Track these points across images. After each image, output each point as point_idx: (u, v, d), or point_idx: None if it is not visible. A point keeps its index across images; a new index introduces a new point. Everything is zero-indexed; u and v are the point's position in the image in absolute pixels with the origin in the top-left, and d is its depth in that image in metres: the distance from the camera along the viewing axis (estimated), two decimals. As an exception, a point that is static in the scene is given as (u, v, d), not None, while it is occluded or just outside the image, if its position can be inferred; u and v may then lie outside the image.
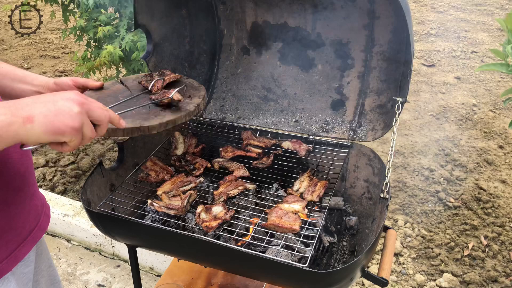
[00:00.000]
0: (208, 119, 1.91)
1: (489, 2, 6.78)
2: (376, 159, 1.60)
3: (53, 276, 1.34)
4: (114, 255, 2.75)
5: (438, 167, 3.32)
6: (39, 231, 1.17)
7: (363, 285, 2.42)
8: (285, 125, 1.84)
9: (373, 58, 1.67)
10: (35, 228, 1.15)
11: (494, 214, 2.87)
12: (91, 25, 2.65)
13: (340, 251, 1.55)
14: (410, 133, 3.76)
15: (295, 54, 1.81)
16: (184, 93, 1.37)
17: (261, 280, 1.45)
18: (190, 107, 1.30)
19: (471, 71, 4.75)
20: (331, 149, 1.71)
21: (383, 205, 1.38)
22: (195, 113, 1.32)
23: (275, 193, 1.58)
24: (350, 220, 1.63)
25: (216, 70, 1.96)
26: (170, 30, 1.76)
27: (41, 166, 3.37)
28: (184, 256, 1.49)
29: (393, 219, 2.87)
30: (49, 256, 1.33)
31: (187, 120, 1.30)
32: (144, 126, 1.19)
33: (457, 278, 2.45)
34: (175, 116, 1.25)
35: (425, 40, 5.57)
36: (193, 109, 1.30)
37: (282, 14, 1.75)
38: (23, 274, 1.15)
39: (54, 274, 1.35)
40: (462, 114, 4.00)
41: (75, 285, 2.57)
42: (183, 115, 1.27)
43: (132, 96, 1.35)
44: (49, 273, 1.32)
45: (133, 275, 1.63)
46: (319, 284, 1.19)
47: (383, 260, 1.32)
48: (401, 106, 1.45)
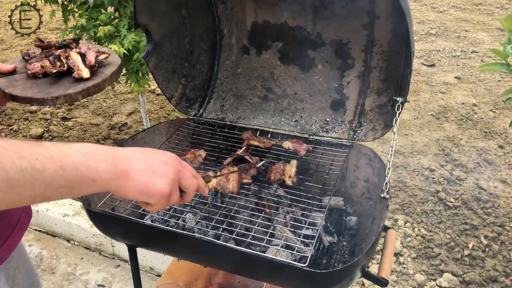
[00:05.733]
0: (208, 119, 1.91)
1: (489, 2, 6.78)
2: (376, 159, 1.60)
3: (30, 270, 1.36)
4: (114, 255, 2.75)
5: (438, 167, 3.32)
6: (26, 219, 1.19)
7: (363, 285, 2.42)
8: (285, 125, 1.84)
9: (373, 58, 1.67)
10: (22, 215, 1.17)
11: (494, 214, 2.87)
12: (91, 25, 2.65)
13: (340, 251, 1.55)
14: (410, 133, 3.76)
15: (295, 54, 1.81)
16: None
17: (261, 280, 1.45)
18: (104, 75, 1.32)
19: (471, 71, 4.75)
20: (331, 149, 1.71)
21: (383, 205, 1.38)
22: (112, 80, 1.33)
23: (275, 193, 1.58)
24: (350, 220, 1.63)
25: (216, 70, 1.96)
26: (170, 30, 1.76)
27: (41, 166, 3.37)
28: (184, 256, 1.49)
29: (393, 219, 2.87)
30: (25, 251, 1.35)
31: (107, 85, 1.31)
32: (68, 93, 1.22)
33: (457, 278, 2.45)
34: (94, 82, 1.27)
35: (425, 40, 5.57)
36: (109, 74, 1.32)
37: (282, 14, 1.75)
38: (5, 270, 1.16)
39: (31, 268, 1.37)
40: (462, 114, 4.00)
41: (75, 285, 2.57)
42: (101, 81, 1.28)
43: None
44: (26, 268, 1.34)
45: (133, 275, 1.63)
46: (319, 284, 1.19)
47: (383, 260, 1.32)
48: (401, 106, 1.45)
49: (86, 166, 0.76)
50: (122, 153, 0.84)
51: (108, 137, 3.72)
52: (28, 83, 1.26)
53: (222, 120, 1.90)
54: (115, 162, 0.81)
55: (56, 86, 1.26)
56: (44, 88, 1.24)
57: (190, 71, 1.90)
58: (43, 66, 1.30)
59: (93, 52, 1.38)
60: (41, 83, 1.27)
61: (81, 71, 1.28)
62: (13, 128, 3.85)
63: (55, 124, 3.91)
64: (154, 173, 0.85)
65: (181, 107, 1.90)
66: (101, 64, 1.36)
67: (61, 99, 1.22)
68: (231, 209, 1.47)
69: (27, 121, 3.96)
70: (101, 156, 0.79)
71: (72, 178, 0.75)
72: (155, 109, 4.12)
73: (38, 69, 1.28)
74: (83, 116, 4.03)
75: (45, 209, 2.89)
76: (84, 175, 0.76)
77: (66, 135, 3.74)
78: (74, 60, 1.32)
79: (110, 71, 1.33)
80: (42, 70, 1.29)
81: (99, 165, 0.78)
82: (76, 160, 0.75)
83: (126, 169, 0.82)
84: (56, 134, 3.77)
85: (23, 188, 0.69)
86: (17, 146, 0.70)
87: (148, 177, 0.84)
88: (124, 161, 0.82)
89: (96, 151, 0.79)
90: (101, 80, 1.29)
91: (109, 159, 0.80)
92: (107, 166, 0.79)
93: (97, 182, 0.78)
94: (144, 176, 0.84)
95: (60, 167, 0.73)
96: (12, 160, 0.68)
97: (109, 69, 1.34)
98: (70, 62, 1.31)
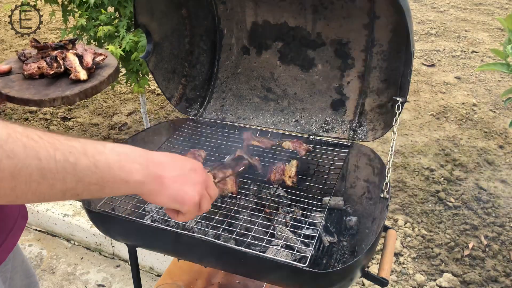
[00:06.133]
0: (208, 119, 1.91)
1: (489, 2, 6.78)
2: (376, 159, 1.60)
3: (27, 270, 1.36)
4: (114, 255, 2.75)
5: (438, 167, 3.32)
6: (22, 220, 1.18)
7: (363, 285, 2.42)
8: (285, 125, 1.84)
9: (373, 58, 1.67)
10: (18, 217, 1.16)
11: (494, 214, 2.87)
12: (91, 25, 2.65)
13: (340, 251, 1.55)
14: (410, 133, 3.76)
15: (295, 54, 1.81)
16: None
17: (261, 280, 1.45)
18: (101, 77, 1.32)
19: (471, 71, 4.75)
20: (331, 149, 1.71)
21: (383, 205, 1.38)
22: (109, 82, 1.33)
23: (275, 193, 1.58)
24: (350, 220, 1.63)
25: (216, 70, 1.96)
26: (170, 30, 1.76)
27: (41, 166, 3.37)
28: (184, 256, 1.49)
29: (393, 219, 2.87)
30: (21, 252, 1.34)
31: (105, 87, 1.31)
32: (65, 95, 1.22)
33: (457, 278, 2.45)
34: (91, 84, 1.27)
35: (425, 40, 5.57)
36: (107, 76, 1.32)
37: (282, 14, 1.75)
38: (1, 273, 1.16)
39: (28, 268, 1.37)
40: (462, 114, 4.00)
41: (75, 285, 2.57)
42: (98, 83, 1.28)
43: None
44: (23, 268, 1.34)
45: (133, 275, 1.63)
46: (319, 284, 1.19)
47: (383, 260, 1.32)
48: (401, 106, 1.45)
49: (119, 166, 0.75)
50: (156, 157, 0.83)
51: (108, 137, 3.72)
52: (25, 84, 1.26)
53: (222, 120, 1.90)
54: (149, 166, 0.80)
55: (53, 87, 1.26)
56: (41, 90, 1.24)
57: (190, 71, 1.90)
58: (40, 67, 1.29)
59: (90, 53, 1.38)
60: (38, 84, 1.27)
61: (79, 73, 1.28)
62: (13, 128, 3.85)
63: (55, 124, 3.91)
64: (186, 181, 0.85)
65: (181, 107, 1.90)
66: (98, 65, 1.36)
67: (58, 101, 1.22)
68: (231, 209, 1.47)
69: (27, 121, 3.96)
70: (136, 158, 0.78)
71: (105, 177, 0.73)
72: (155, 109, 4.12)
73: (35, 70, 1.28)
74: (83, 116, 4.03)
75: (45, 209, 2.89)
76: (117, 175, 0.75)
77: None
78: (71, 62, 1.32)
79: (107, 73, 1.33)
80: (38, 71, 1.28)
81: (133, 166, 0.77)
82: (110, 158, 0.74)
83: (160, 174, 0.81)
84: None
85: (55, 180, 0.68)
86: (52, 137, 0.69)
87: (180, 184, 0.84)
88: (158, 166, 0.82)
89: (130, 152, 0.78)
90: (98, 82, 1.29)
91: (143, 162, 0.79)
92: (141, 168, 0.78)
93: (129, 183, 0.77)
94: (177, 183, 0.84)
95: (93, 163, 0.72)
96: (46, 149, 0.66)
97: (106, 71, 1.34)
98: (67, 64, 1.31)
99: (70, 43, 1.46)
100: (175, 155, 0.90)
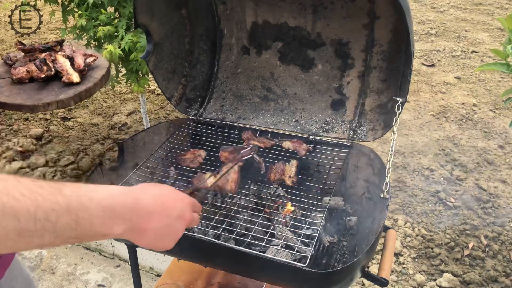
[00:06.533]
0: (208, 119, 1.91)
1: (489, 2, 6.78)
2: (376, 159, 1.60)
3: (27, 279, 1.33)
4: (114, 255, 2.75)
5: (438, 167, 3.32)
6: None
7: (363, 285, 2.42)
8: (285, 125, 1.84)
9: (373, 58, 1.67)
10: None
11: (494, 214, 2.87)
12: (91, 25, 2.65)
13: (340, 251, 1.55)
14: (410, 133, 3.76)
15: (295, 54, 1.81)
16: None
17: (261, 280, 1.45)
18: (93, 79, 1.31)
19: (471, 71, 4.75)
20: (331, 149, 1.71)
21: (383, 205, 1.38)
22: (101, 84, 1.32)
23: (275, 193, 1.58)
24: (350, 220, 1.63)
25: (216, 69, 1.96)
26: (170, 30, 1.76)
27: (41, 166, 3.37)
28: (184, 256, 1.49)
29: (393, 219, 2.87)
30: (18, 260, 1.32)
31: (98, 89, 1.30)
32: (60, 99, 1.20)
33: (457, 278, 2.45)
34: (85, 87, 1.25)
35: (425, 40, 5.57)
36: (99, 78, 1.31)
37: (282, 14, 1.75)
38: None
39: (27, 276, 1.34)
40: (462, 114, 4.00)
41: (75, 285, 2.57)
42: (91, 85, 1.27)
43: None
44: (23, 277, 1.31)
45: (133, 275, 1.63)
46: (319, 284, 1.19)
47: (383, 260, 1.32)
48: (401, 106, 1.45)
49: (102, 223, 0.74)
50: (144, 207, 0.82)
51: (108, 137, 3.72)
52: (15, 89, 1.23)
53: (222, 120, 1.90)
54: (133, 220, 0.80)
55: (45, 91, 1.23)
56: (33, 94, 1.21)
57: (190, 71, 1.90)
58: (29, 70, 1.26)
59: (80, 55, 1.36)
60: (29, 88, 1.24)
61: (71, 75, 1.26)
62: (13, 128, 3.85)
63: (55, 124, 3.91)
64: (167, 233, 0.87)
65: (181, 107, 1.90)
66: (89, 67, 1.34)
67: (53, 105, 1.20)
68: (231, 209, 1.47)
69: (27, 121, 3.96)
70: (121, 214, 0.78)
71: (84, 233, 0.73)
72: (155, 109, 4.12)
73: (24, 74, 1.25)
74: (83, 116, 4.03)
75: (45, 209, 2.88)
76: (97, 231, 0.75)
77: (66, 135, 3.74)
78: (62, 64, 1.30)
79: (100, 74, 1.32)
80: (28, 75, 1.25)
81: (115, 222, 0.77)
82: (93, 215, 0.73)
83: (144, 227, 0.82)
84: (56, 134, 3.77)
85: (33, 237, 0.67)
86: (35, 192, 0.67)
87: (161, 236, 0.86)
88: (143, 218, 0.82)
89: (117, 207, 0.77)
90: (92, 85, 1.27)
91: (128, 218, 0.79)
92: (123, 223, 0.78)
93: (107, 236, 0.77)
94: (157, 235, 0.85)
95: (74, 221, 0.70)
96: (27, 208, 0.65)
97: (98, 72, 1.32)
98: (58, 66, 1.28)
99: (58, 44, 1.43)
100: (168, 197, 0.89)
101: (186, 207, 0.93)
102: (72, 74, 1.26)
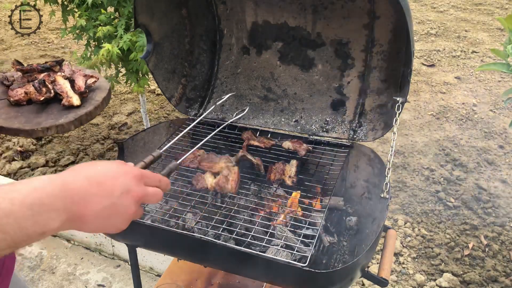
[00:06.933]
0: (208, 119, 1.91)
1: (489, 2, 6.78)
2: (376, 159, 1.60)
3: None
4: (114, 255, 2.75)
5: (438, 167, 3.32)
6: (11, 263, 1.12)
7: (363, 285, 2.42)
8: (285, 125, 1.84)
9: (373, 58, 1.67)
10: (5, 259, 1.10)
11: (494, 214, 2.87)
12: (91, 25, 2.65)
13: (340, 251, 1.55)
14: (410, 133, 3.76)
15: (295, 54, 1.81)
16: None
17: (261, 280, 1.45)
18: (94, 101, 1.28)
19: (471, 71, 4.75)
20: (331, 149, 1.71)
21: (383, 205, 1.38)
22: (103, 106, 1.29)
23: (275, 193, 1.58)
24: (350, 220, 1.63)
25: (216, 70, 1.96)
26: (170, 30, 1.76)
27: (41, 166, 3.37)
28: (184, 256, 1.49)
29: (393, 219, 2.87)
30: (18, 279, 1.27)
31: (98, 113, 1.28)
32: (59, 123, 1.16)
33: (457, 278, 2.45)
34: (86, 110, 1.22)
35: (425, 40, 5.57)
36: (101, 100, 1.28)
37: (282, 14, 1.75)
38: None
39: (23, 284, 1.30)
40: (462, 114, 4.00)
41: (75, 285, 2.57)
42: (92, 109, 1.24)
43: None
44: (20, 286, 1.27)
45: (133, 275, 1.63)
46: (319, 284, 1.18)
47: (383, 260, 1.32)
48: (401, 106, 1.45)
49: (33, 223, 0.66)
50: (77, 192, 0.74)
51: (108, 137, 3.72)
52: (12, 112, 1.18)
53: (222, 120, 1.90)
54: (67, 207, 0.72)
55: (44, 114, 1.19)
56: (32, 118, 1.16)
57: (190, 71, 1.90)
58: (27, 92, 1.22)
59: (80, 76, 1.32)
60: (27, 111, 1.19)
61: (71, 98, 1.21)
62: (13, 128, 3.85)
63: (55, 124, 3.91)
64: (113, 213, 0.78)
65: (181, 107, 1.90)
66: (89, 88, 1.30)
67: (52, 130, 1.16)
68: (231, 209, 1.47)
69: (27, 121, 3.95)
70: (52, 204, 0.69)
71: (17, 240, 0.65)
72: (155, 109, 4.12)
73: (22, 96, 1.20)
74: (83, 116, 4.03)
75: (45, 209, 2.89)
76: (31, 232, 0.67)
77: (66, 135, 3.74)
78: (61, 86, 1.25)
79: (101, 96, 1.27)
80: (26, 97, 1.21)
81: (49, 216, 0.69)
82: (20, 217, 0.65)
83: (81, 213, 0.74)
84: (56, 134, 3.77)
85: None
86: None
87: (105, 218, 0.77)
88: (78, 203, 0.73)
89: (45, 198, 0.69)
90: (93, 108, 1.23)
91: (60, 206, 0.70)
92: (57, 215, 0.70)
93: (46, 233, 0.69)
94: (102, 217, 0.77)
95: (0, 230, 0.63)
96: None
97: (99, 94, 1.28)
98: (57, 88, 1.24)
99: (57, 64, 1.39)
100: (104, 175, 0.79)
101: (132, 181, 0.82)
102: (73, 96, 1.22)
